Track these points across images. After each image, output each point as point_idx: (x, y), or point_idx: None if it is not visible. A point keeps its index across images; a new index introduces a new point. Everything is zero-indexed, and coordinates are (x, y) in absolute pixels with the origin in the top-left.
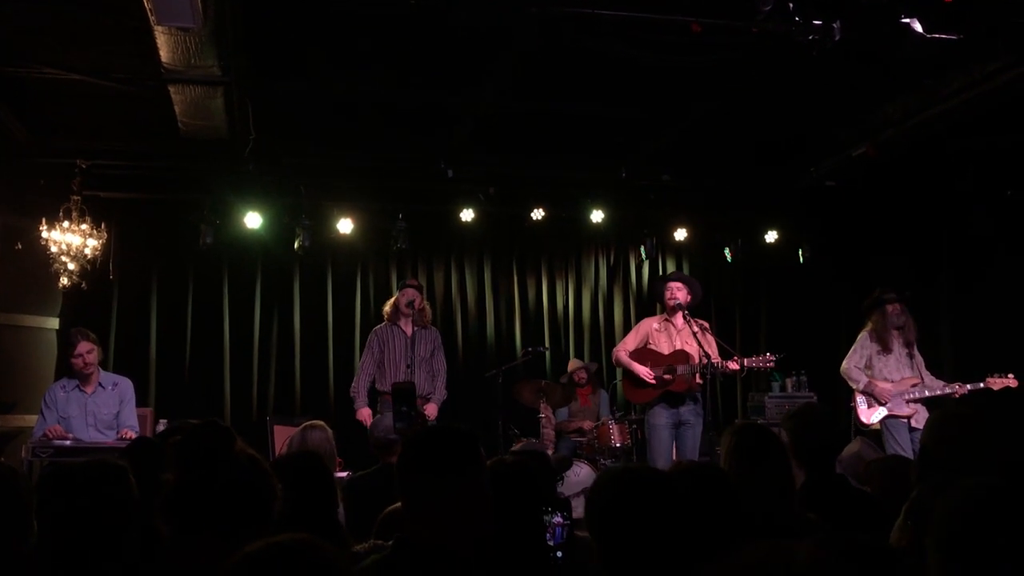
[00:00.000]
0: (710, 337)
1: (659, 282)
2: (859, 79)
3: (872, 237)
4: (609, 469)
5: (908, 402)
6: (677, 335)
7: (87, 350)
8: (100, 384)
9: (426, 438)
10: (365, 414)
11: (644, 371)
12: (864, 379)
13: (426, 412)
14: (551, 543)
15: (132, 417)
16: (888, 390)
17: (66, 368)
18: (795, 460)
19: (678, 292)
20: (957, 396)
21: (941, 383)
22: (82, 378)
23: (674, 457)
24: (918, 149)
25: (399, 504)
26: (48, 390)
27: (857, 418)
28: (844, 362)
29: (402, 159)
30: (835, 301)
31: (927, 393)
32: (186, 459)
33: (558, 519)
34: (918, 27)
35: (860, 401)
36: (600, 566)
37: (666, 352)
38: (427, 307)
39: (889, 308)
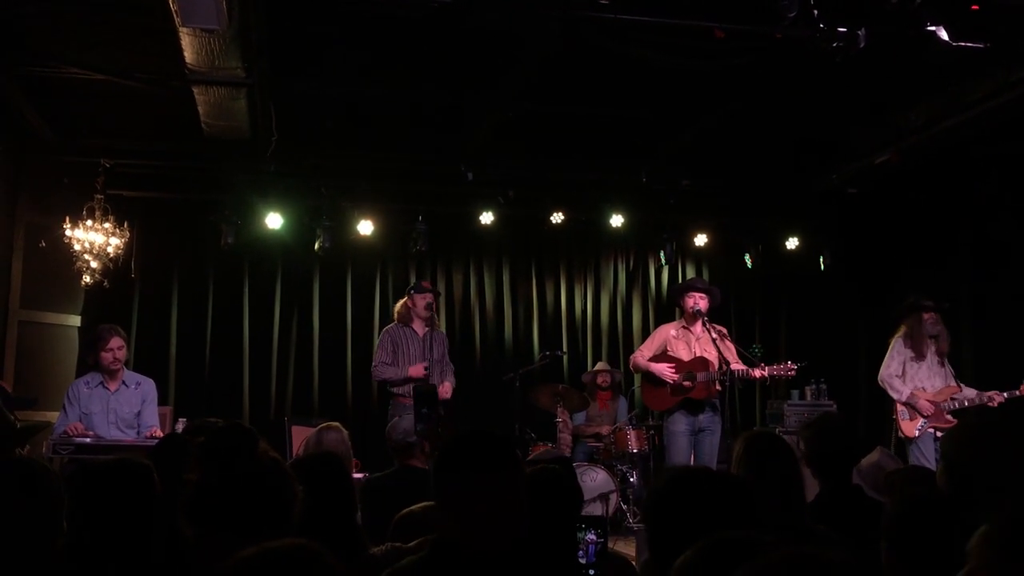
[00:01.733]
0: (729, 343)
1: (678, 289)
2: (883, 85)
3: (894, 244)
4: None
5: (948, 413)
6: (696, 342)
7: (119, 346)
8: (124, 382)
9: (464, 438)
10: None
11: (664, 368)
12: (907, 391)
13: (442, 391)
14: (583, 560)
15: (154, 417)
16: (930, 403)
17: (89, 365)
18: (812, 469)
19: (701, 301)
20: (995, 405)
21: (975, 392)
22: (109, 374)
23: (691, 464)
24: (942, 155)
25: (415, 507)
26: (72, 385)
27: (899, 430)
28: (881, 371)
29: (422, 161)
30: (856, 308)
31: (965, 403)
32: (209, 460)
33: (591, 536)
34: (944, 35)
35: (902, 413)
36: (649, 554)
37: (686, 359)
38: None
39: (925, 316)
